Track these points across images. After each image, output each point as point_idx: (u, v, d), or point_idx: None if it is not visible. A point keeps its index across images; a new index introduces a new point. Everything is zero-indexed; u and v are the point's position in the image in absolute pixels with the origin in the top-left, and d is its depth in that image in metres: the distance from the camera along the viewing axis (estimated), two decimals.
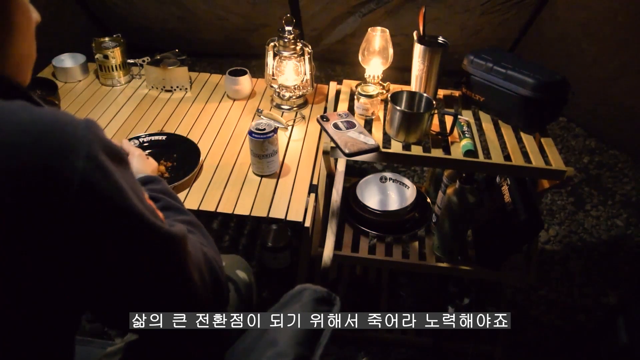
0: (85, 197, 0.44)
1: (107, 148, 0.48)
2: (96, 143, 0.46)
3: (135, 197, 0.50)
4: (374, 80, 1.36)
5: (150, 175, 0.89)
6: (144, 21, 2.61)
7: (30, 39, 0.56)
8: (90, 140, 0.46)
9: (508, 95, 1.17)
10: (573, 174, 1.08)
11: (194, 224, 0.78)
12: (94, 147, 0.46)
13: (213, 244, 0.77)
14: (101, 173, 0.45)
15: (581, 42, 2.08)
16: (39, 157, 0.42)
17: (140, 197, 0.52)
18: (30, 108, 0.45)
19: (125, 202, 0.48)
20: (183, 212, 0.80)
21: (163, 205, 0.78)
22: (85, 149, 0.45)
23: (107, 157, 0.47)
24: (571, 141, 2.37)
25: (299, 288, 0.79)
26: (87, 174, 0.44)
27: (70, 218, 0.44)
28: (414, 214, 1.39)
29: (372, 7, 2.32)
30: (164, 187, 0.85)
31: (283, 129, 1.40)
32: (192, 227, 0.76)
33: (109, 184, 0.46)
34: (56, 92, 1.45)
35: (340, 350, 1.45)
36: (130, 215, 0.48)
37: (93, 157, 0.45)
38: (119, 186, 0.47)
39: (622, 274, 1.74)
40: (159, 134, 1.34)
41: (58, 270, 0.46)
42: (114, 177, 0.47)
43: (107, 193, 0.46)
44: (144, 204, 0.52)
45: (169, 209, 0.78)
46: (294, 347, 0.68)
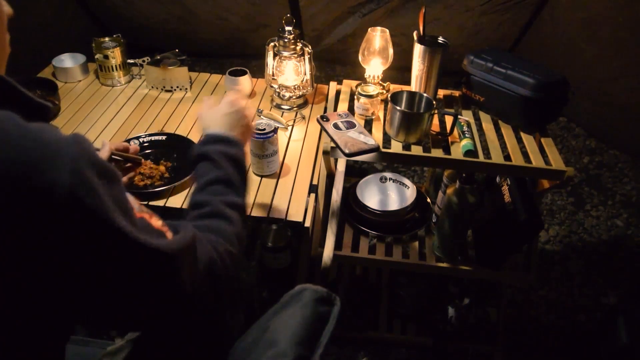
0: (68, 212, 0.44)
1: (94, 163, 0.47)
2: (82, 158, 0.46)
3: (121, 214, 0.49)
4: (374, 80, 1.36)
5: (228, 136, 0.83)
6: (144, 21, 2.61)
7: (2, 32, 0.56)
8: (76, 156, 0.45)
9: (508, 95, 1.17)
10: (573, 174, 1.08)
11: (239, 207, 0.75)
12: (80, 162, 0.45)
13: (244, 233, 0.75)
14: (85, 188, 0.45)
15: (581, 42, 2.08)
16: (24, 171, 0.42)
17: (127, 213, 0.51)
18: (17, 121, 0.45)
19: (109, 218, 0.47)
20: (236, 190, 0.77)
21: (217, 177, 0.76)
22: (71, 164, 0.44)
23: (94, 173, 0.47)
24: (571, 141, 2.37)
25: (299, 288, 0.79)
26: (71, 189, 0.44)
27: (53, 232, 0.44)
28: (414, 214, 1.39)
29: (372, 7, 2.32)
30: (233, 152, 0.80)
31: (283, 129, 1.40)
32: (234, 210, 0.73)
33: (92, 200, 0.46)
34: (56, 92, 1.46)
35: (340, 350, 1.45)
36: (114, 232, 0.47)
37: (78, 172, 0.45)
38: (103, 202, 0.47)
39: (622, 274, 1.75)
40: (159, 134, 1.34)
41: (42, 283, 0.45)
42: (98, 193, 0.46)
43: (90, 208, 0.45)
44: (131, 220, 0.51)
45: (222, 183, 0.75)
46: (294, 347, 0.68)
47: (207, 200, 0.73)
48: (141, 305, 0.56)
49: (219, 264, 0.65)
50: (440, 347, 1.45)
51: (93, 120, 1.42)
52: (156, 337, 0.78)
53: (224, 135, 0.83)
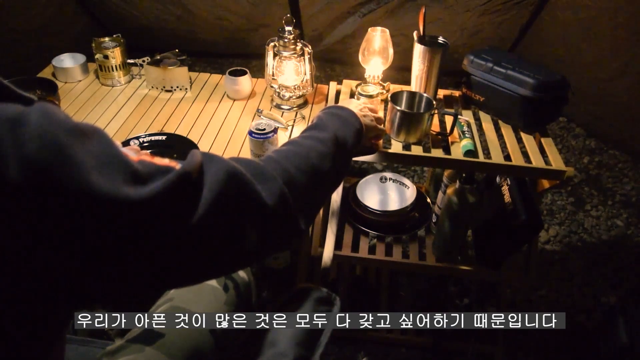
0: (41, 180, 0.41)
1: (61, 123, 0.44)
2: (50, 122, 0.43)
3: (102, 165, 0.44)
4: (374, 80, 1.36)
5: (346, 107, 0.89)
6: (144, 21, 2.61)
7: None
8: (43, 120, 0.43)
9: (508, 95, 1.17)
10: (573, 174, 1.08)
11: (317, 139, 0.75)
12: (48, 125, 0.43)
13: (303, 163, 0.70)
14: (55, 151, 0.42)
15: (581, 42, 2.08)
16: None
17: (113, 162, 0.46)
18: None
19: (82, 176, 0.43)
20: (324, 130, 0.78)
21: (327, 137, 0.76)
22: (37, 129, 0.42)
23: (64, 133, 0.43)
24: (571, 141, 2.37)
25: (299, 288, 0.79)
26: (41, 154, 0.41)
27: (22, 197, 0.41)
28: (414, 214, 1.39)
29: (372, 7, 2.32)
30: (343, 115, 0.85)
31: (283, 129, 1.40)
32: (304, 139, 0.74)
33: (64, 161, 0.42)
34: (56, 92, 1.45)
35: (340, 350, 1.45)
36: (87, 191, 0.43)
37: (45, 136, 0.42)
38: (76, 160, 0.43)
39: (622, 273, 1.74)
40: (159, 134, 1.34)
41: (25, 254, 0.42)
42: (71, 152, 0.43)
43: (59, 168, 0.42)
44: (122, 165, 0.46)
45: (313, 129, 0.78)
46: (294, 347, 0.68)
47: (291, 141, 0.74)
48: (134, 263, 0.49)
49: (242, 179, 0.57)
50: (440, 347, 1.45)
51: (93, 121, 1.42)
52: None
53: (344, 107, 0.87)
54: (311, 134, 0.76)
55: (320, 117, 0.84)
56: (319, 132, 0.77)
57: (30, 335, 0.47)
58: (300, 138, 0.75)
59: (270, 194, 0.59)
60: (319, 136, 0.76)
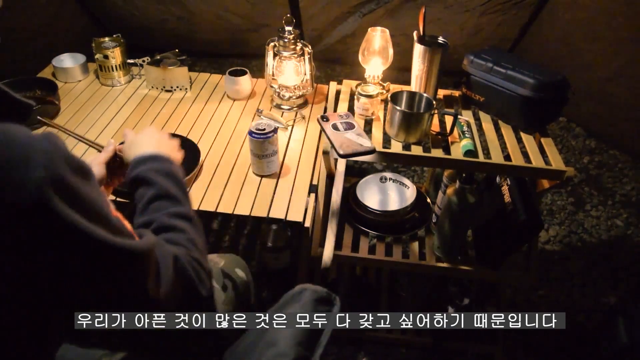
0: (39, 209, 0.43)
1: (67, 159, 0.47)
2: (55, 154, 0.45)
3: (94, 212, 0.49)
4: (374, 80, 1.36)
5: (156, 154, 0.81)
6: (144, 21, 2.61)
7: None
8: (50, 151, 0.45)
9: (508, 95, 1.17)
10: (573, 174, 1.08)
11: (186, 217, 0.73)
12: (54, 158, 0.45)
13: (203, 240, 0.73)
14: (60, 185, 0.45)
15: (581, 42, 2.08)
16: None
17: (101, 210, 0.50)
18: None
19: (84, 215, 0.47)
20: (178, 202, 0.75)
21: (154, 194, 0.74)
22: (44, 160, 0.44)
23: (68, 169, 0.46)
24: (571, 141, 2.37)
25: (299, 288, 0.79)
26: (43, 186, 0.43)
27: (23, 228, 0.43)
28: (414, 214, 1.39)
29: (372, 7, 2.32)
30: (164, 167, 0.79)
31: (283, 129, 1.40)
32: (182, 220, 0.72)
33: (68, 197, 0.45)
34: (56, 92, 1.46)
35: (340, 350, 1.45)
36: (84, 230, 0.47)
37: (51, 168, 0.44)
38: (79, 199, 0.46)
39: (622, 273, 1.74)
40: None
41: (11, 279, 0.45)
42: (75, 190, 0.46)
43: (62, 206, 0.45)
44: (105, 218, 0.51)
45: (161, 198, 0.74)
46: (294, 347, 0.68)
47: (151, 219, 0.71)
48: (109, 300, 0.55)
49: (187, 267, 0.64)
50: (440, 347, 1.45)
51: (93, 120, 1.42)
52: (155, 337, 0.78)
53: (151, 154, 0.80)
54: (177, 211, 0.73)
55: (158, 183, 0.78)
56: (167, 202, 0.74)
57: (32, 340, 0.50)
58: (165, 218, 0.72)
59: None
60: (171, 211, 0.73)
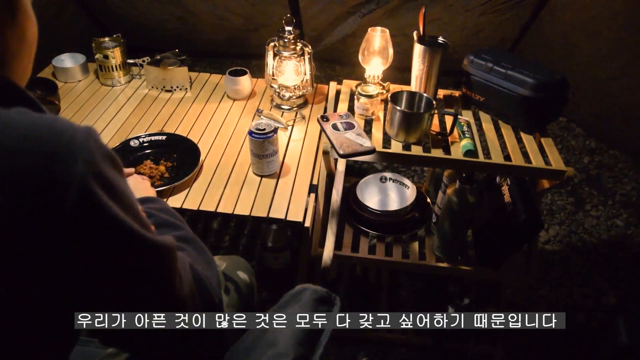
0: (83, 202, 0.44)
1: (106, 154, 0.48)
2: (95, 149, 0.46)
3: (129, 206, 0.50)
4: (374, 80, 1.36)
5: (148, 196, 0.89)
6: (144, 21, 2.61)
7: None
8: (90, 146, 0.45)
9: (508, 95, 1.17)
10: (573, 174, 1.08)
11: (188, 240, 0.76)
12: (94, 152, 0.46)
13: (209, 259, 0.76)
14: (100, 179, 0.45)
15: (581, 42, 2.08)
16: (38, 161, 0.42)
17: (135, 205, 0.51)
18: (29, 113, 0.45)
19: (122, 210, 0.47)
20: (178, 227, 0.78)
21: (156, 222, 0.77)
22: (85, 154, 0.44)
23: (107, 163, 0.47)
24: (571, 141, 2.37)
25: (299, 288, 0.79)
26: (86, 179, 0.44)
27: (66, 222, 0.43)
28: (414, 214, 1.39)
29: (372, 7, 2.32)
30: (161, 205, 0.84)
31: (283, 129, 1.40)
32: (184, 243, 0.75)
33: (107, 190, 0.46)
34: (56, 92, 1.46)
35: (340, 350, 1.45)
36: (123, 224, 0.48)
37: (92, 163, 0.45)
38: (117, 193, 0.47)
39: (622, 274, 1.74)
40: (159, 134, 1.34)
41: (48, 275, 0.45)
42: (113, 184, 0.47)
43: (105, 199, 0.45)
44: (137, 215, 0.51)
45: (162, 226, 0.77)
46: (294, 347, 0.68)
47: None
48: (138, 299, 0.55)
49: (200, 276, 0.67)
50: (440, 347, 1.45)
51: (93, 120, 1.42)
52: (155, 338, 0.78)
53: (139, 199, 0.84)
54: (179, 235, 0.77)
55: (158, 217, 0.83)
56: (180, 231, 0.78)
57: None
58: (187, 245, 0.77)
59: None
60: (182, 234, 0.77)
